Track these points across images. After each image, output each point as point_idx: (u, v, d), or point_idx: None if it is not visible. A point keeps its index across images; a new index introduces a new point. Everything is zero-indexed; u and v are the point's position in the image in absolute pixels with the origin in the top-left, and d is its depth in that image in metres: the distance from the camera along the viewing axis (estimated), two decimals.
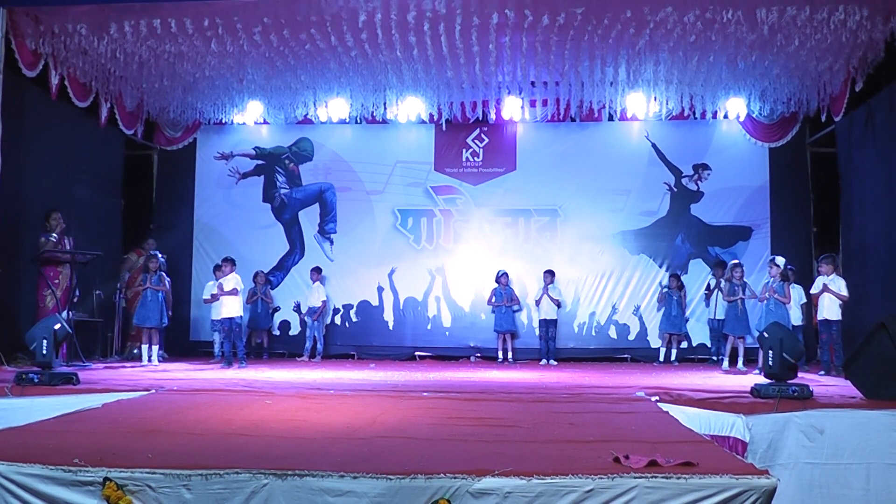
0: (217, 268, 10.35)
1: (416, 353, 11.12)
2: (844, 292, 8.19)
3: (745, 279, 9.27)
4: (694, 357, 10.61)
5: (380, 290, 11.43)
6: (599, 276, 11.16)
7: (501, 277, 10.70)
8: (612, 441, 3.86)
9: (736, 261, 9.68)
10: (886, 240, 8.47)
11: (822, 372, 8.13)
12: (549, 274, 10.58)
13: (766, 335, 5.80)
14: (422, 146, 11.53)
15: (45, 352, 6.01)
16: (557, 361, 10.35)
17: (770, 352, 5.63)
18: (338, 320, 11.41)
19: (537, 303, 10.60)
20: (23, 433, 4.13)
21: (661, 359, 10.32)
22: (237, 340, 9.21)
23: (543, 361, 10.37)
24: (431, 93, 10.12)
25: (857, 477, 5.11)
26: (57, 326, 6.16)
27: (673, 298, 10.34)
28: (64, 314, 8.01)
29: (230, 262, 9.34)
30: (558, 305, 10.58)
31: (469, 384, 7.40)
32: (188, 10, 7.79)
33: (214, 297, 9.52)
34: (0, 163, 7.53)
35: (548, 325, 10.51)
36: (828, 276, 8.31)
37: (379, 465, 3.25)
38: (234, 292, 9.15)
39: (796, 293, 8.90)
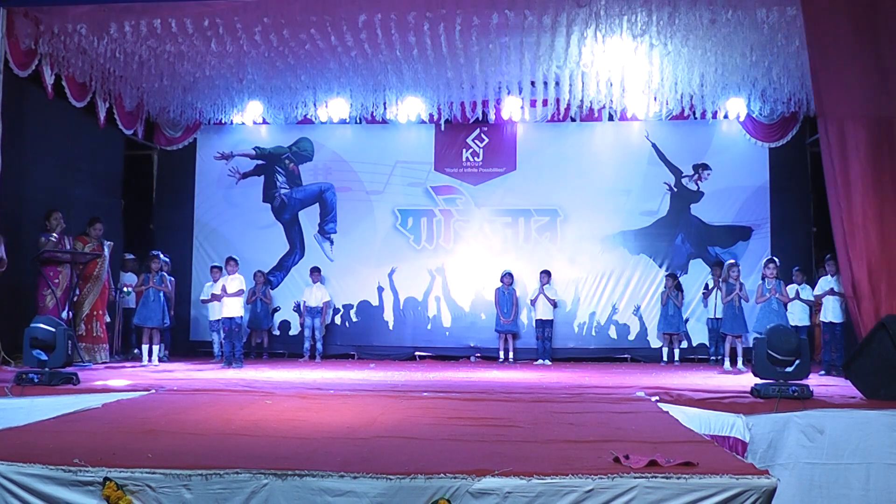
0: (214, 269, 10.37)
1: (416, 353, 11.12)
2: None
3: (741, 279, 9.26)
4: (694, 357, 10.61)
5: (380, 290, 11.43)
6: (599, 276, 11.15)
7: (505, 277, 10.67)
8: (612, 441, 3.87)
9: (732, 260, 9.67)
10: None
11: (823, 372, 8.13)
12: (546, 274, 10.58)
13: (758, 334, 5.82)
14: (422, 146, 11.52)
15: (70, 352, 6.14)
16: (552, 361, 10.33)
17: (755, 350, 5.66)
18: (338, 320, 11.39)
19: (533, 302, 10.61)
20: (23, 433, 4.13)
21: (665, 359, 10.32)
22: (236, 341, 9.19)
23: (539, 361, 10.36)
24: (431, 93, 10.11)
25: (857, 477, 5.11)
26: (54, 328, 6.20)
27: (670, 298, 10.34)
28: (64, 314, 8.03)
29: (234, 261, 9.32)
30: (555, 305, 10.58)
31: (469, 384, 7.40)
32: (188, 10, 7.77)
33: (216, 297, 9.50)
34: (0, 163, 7.53)
35: (544, 326, 10.51)
36: (833, 276, 8.30)
37: (379, 465, 3.25)
38: (238, 293, 9.15)
39: (794, 293, 8.90)
